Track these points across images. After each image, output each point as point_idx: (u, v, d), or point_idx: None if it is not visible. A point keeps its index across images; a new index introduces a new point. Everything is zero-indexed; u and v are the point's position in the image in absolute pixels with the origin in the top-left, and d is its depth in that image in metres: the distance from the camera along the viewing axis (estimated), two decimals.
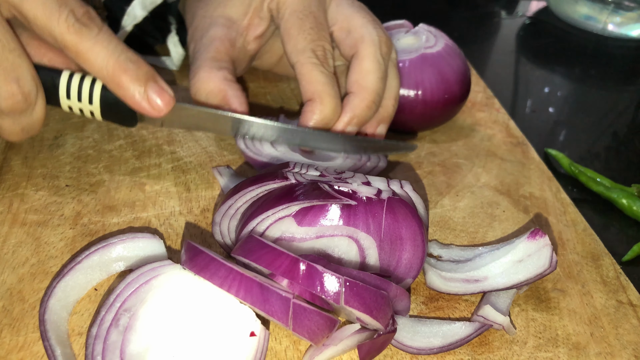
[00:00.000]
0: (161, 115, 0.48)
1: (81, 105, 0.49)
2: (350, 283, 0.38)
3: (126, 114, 0.50)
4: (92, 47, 0.45)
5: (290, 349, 0.42)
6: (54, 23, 0.44)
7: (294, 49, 0.55)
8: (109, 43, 0.46)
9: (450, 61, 0.64)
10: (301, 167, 0.46)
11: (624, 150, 0.78)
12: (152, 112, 0.48)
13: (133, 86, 0.46)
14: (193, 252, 0.39)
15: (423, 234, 0.44)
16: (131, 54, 0.47)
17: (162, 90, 0.48)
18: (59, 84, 0.48)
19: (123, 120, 0.51)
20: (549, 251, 0.45)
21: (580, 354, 0.44)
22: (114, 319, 0.37)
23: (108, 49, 0.46)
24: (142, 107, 0.47)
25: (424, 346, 0.43)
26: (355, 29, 0.58)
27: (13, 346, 0.40)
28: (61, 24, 0.44)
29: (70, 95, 0.49)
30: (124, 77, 0.46)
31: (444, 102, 0.65)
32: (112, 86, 0.47)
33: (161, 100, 0.47)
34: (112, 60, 0.46)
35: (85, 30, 0.45)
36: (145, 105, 0.47)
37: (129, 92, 0.47)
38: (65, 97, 0.49)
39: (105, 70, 0.46)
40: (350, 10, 0.59)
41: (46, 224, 0.49)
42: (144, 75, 0.47)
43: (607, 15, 1.09)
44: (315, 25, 0.56)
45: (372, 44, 0.56)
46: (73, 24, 0.44)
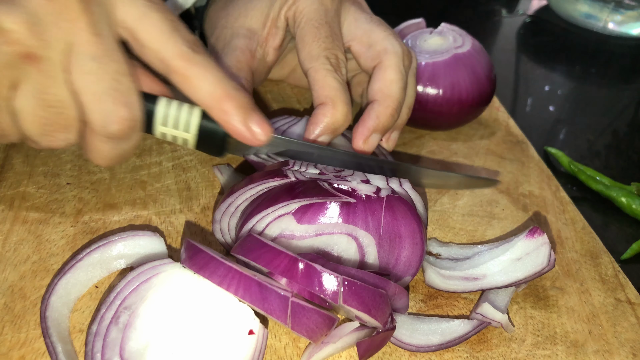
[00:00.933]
0: (260, 144, 0.48)
1: (176, 132, 0.49)
2: (349, 282, 0.38)
3: (217, 143, 0.50)
4: (200, 73, 0.46)
5: (289, 346, 0.42)
6: (167, 47, 0.45)
7: (309, 55, 0.56)
8: (216, 70, 0.46)
9: (480, 60, 0.66)
10: (301, 165, 0.47)
11: (624, 149, 0.78)
12: (252, 140, 0.48)
13: (237, 113, 0.47)
14: (192, 250, 0.39)
15: (422, 232, 0.44)
16: (235, 83, 0.48)
17: (263, 120, 0.48)
18: (156, 110, 0.48)
19: (212, 150, 0.51)
20: (547, 249, 0.45)
21: (579, 351, 0.44)
22: (114, 316, 0.38)
23: (215, 76, 0.46)
24: (243, 135, 0.48)
25: (423, 344, 0.43)
26: (377, 42, 0.58)
27: (15, 343, 0.40)
28: (173, 48, 0.45)
29: (167, 122, 0.48)
30: (229, 104, 0.46)
31: (478, 101, 0.66)
32: (216, 112, 0.47)
33: (261, 130, 0.48)
34: (219, 87, 0.46)
35: (195, 57, 0.45)
36: (246, 134, 0.48)
37: (232, 118, 0.47)
38: (161, 124, 0.49)
39: (211, 96, 0.46)
40: (369, 25, 0.59)
41: (47, 221, 0.50)
42: (247, 104, 0.47)
43: (608, 13, 1.09)
44: (330, 35, 0.57)
45: (396, 55, 0.57)
46: (184, 49, 0.45)
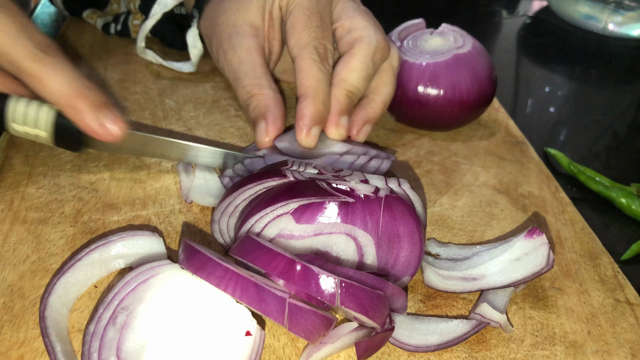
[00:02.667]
0: (113, 140, 0.50)
1: (29, 129, 0.51)
2: (346, 284, 0.38)
3: (74, 139, 0.52)
4: (50, 73, 0.47)
5: (288, 346, 0.42)
6: (15, 49, 0.47)
7: (297, 43, 0.57)
8: (66, 70, 0.48)
9: (481, 60, 0.66)
10: (299, 165, 0.47)
11: (624, 150, 0.78)
12: (106, 136, 0.50)
13: (88, 111, 0.48)
14: (190, 251, 0.40)
15: (420, 232, 0.44)
16: (87, 82, 0.49)
17: (116, 117, 0.50)
18: (6, 109, 0.49)
19: (71, 146, 0.53)
20: (546, 250, 0.45)
21: (577, 352, 0.44)
22: (111, 316, 0.38)
23: (66, 75, 0.48)
24: (96, 131, 0.49)
25: (422, 344, 0.43)
26: (356, 29, 0.59)
27: (13, 342, 0.40)
28: (22, 50, 0.47)
29: (18, 119, 0.50)
30: (80, 102, 0.48)
31: (478, 101, 0.66)
32: (69, 111, 0.49)
33: (114, 126, 0.49)
34: (70, 87, 0.48)
35: (45, 58, 0.47)
36: (98, 130, 0.49)
37: (84, 116, 0.49)
38: (12, 121, 0.50)
39: (62, 95, 0.48)
40: (355, 12, 0.60)
41: (47, 221, 0.50)
42: (99, 101, 0.49)
43: (608, 14, 1.09)
44: (321, 24, 0.58)
45: (368, 45, 0.58)
46: (33, 51, 0.47)
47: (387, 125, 0.71)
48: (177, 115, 0.66)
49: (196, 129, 0.64)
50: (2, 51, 0.47)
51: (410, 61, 0.66)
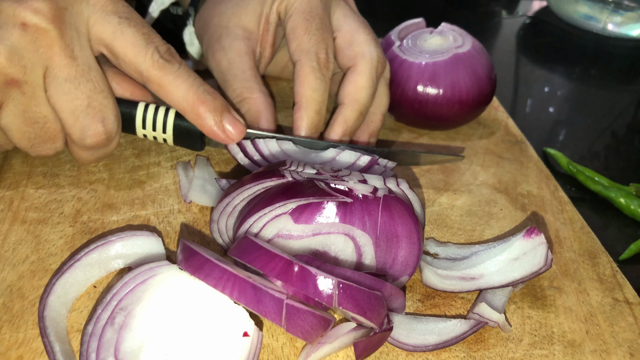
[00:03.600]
0: (233, 142, 0.54)
1: (155, 133, 0.55)
2: (344, 285, 0.38)
3: (195, 140, 0.55)
4: (173, 80, 0.50)
5: (287, 346, 0.42)
6: (141, 59, 0.49)
7: (299, 47, 0.57)
8: (188, 77, 0.51)
9: (480, 60, 0.66)
10: (298, 165, 0.47)
11: (624, 150, 0.78)
12: (226, 139, 0.53)
13: (210, 116, 0.51)
14: (188, 252, 0.40)
15: (419, 232, 0.44)
16: (208, 87, 0.52)
17: (236, 120, 0.53)
18: (136, 115, 0.54)
19: (191, 145, 0.56)
20: (544, 249, 0.46)
21: (576, 351, 0.44)
22: (109, 317, 0.38)
23: (188, 82, 0.51)
24: (218, 135, 0.52)
25: (420, 343, 0.43)
26: (358, 44, 0.60)
27: (13, 342, 0.40)
28: (147, 60, 0.49)
29: (145, 125, 0.54)
30: (202, 107, 0.51)
31: (478, 100, 0.66)
32: (191, 116, 0.52)
33: (234, 129, 0.52)
34: (192, 93, 0.51)
35: (168, 66, 0.50)
36: (220, 134, 0.52)
37: (206, 121, 0.52)
38: (141, 127, 0.54)
39: (185, 101, 0.51)
40: (356, 24, 0.61)
41: (46, 221, 0.50)
42: (220, 106, 0.52)
43: (607, 15, 1.09)
44: (321, 27, 0.58)
45: (371, 62, 0.59)
46: (158, 60, 0.49)
47: (386, 124, 0.71)
48: None
49: None
50: (129, 61, 0.49)
51: (409, 60, 0.66)
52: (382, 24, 0.61)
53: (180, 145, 0.56)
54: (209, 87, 0.52)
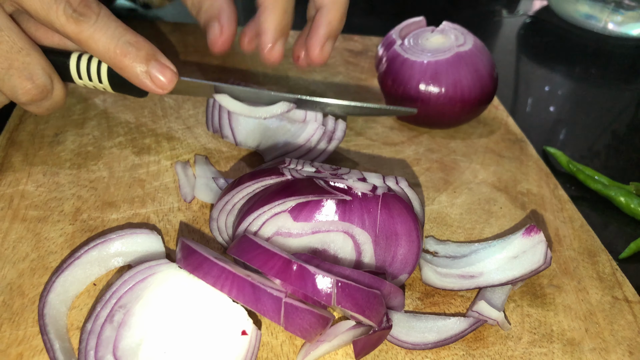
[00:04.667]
0: (166, 91, 0.51)
1: (92, 83, 0.53)
2: (342, 284, 0.38)
3: (134, 87, 0.53)
4: (91, 34, 0.47)
5: (286, 344, 0.42)
6: (53, 16, 0.46)
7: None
8: (107, 29, 0.48)
9: (482, 58, 0.66)
10: (297, 164, 0.47)
11: (624, 149, 0.78)
12: (156, 89, 0.50)
13: (136, 67, 0.49)
14: (187, 251, 0.40)
15: (418, 230, 0.44)
16: (130, 36, 0.49)
17: (165, 67, 0.50)
18: (70, 66, 0.52)
19: (133, 92, 0.54)
20: (543, 247, 0.46)
21: (575, 349, 0.44)
22: (108, 315, 0.38)
23: (107, 35, 0.48)
24: (147, 85, 0.50)
25: (419, 341, 0.43)
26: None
27: (13, 340, 0.40)
28: (60, 16, 0.46)
29: (81, 75, 0.52)
30: (125, 60, 0.48)
31: (480, 99, 0.66)
32: (116, 69, 0.49)
33: (164, 78, 0.50)
34: (113, 46, 0.48)
35: (83, 19, 0.47)
36: (149, 84, 0.50)
37: (132, 73, 0.49)
38: (77, 77, 0.52)
39: (107, 55, 0.48)
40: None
41: (46, 219, 0.50)
42: (144, 55, 0.49)
43: (608, 14, 1.09)
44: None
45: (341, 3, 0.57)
46: (71, 14, 0.46)
47: (386, 122, 0.71)
48: (177, 114, 0.66)
49: (195, 127, 0.64)
50: (43, 18, 0.47)
51: (411, 59, 0.66)
52: (382, 22, 0.61)
53: (122, 92, 0.55)
54: (132, 35, 0.49)
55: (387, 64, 0.68)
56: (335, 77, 0.80)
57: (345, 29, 0.65)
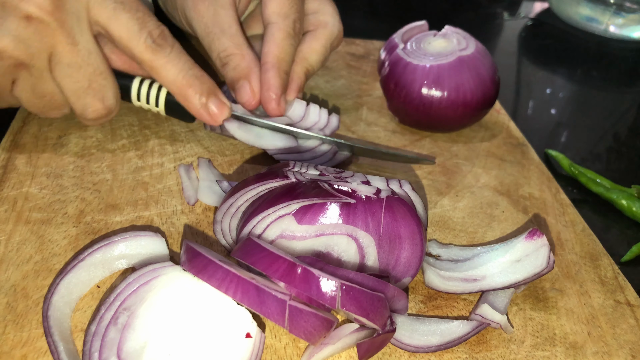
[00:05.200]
0: (218, 124, 0.57)
1: (149, 106, 0.59)
2: (347, 287, 0.38)
3: (185, 113, 0.59)
4: (164, 64, 0.53)
5: (289, 346, 0.42)
6: (134, 43, 0.52)
7: (278, 11, 0.59)
8: (178, 61, 0.54)
9: (484, 62, 0.66)
10: (301, 167, 0.47)
11: (626, 152, 0.79)
12: (211, 120, 0.56)
13: (197, 99, 0.55)
14: (191, 253, 0.40)
15: (421, 233, 0.44)
16: (197, 71, 0.55)
17: (221, 103, 0.56)
18: (131, 89, 0.58)
19: (183, 118, 0.60)
20: (546, 251, 0.46)
21: (578, 353, 0.44)
22: (113, 317, 0.38)
23: (177, 67, 0.54)
24: (202, 116, 0.56)
25: (422, 344, 0.43)
26: (323, 13, 0.63)
27: (17, 342, 0.40)
28: (140, 44, 0.52)
29: (140, 98, 0.58)
30: (189, 91, 0.55)
31: (482, 103, 0.66)
32: (179, 98, 0.56)
33: (219, 111, 0.56)
34: (181, 77, 0.54)
35: (159, 50, 0.53)
36: (205, 116, 0.56)
37: (193, 103, 0.55)
38: (136, 99, 0.59)
39: (174, 84, 0.54)
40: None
41: (50, 222, 0.50)
42: (206, 90, 0.55)
43: (609, 16, 1.09)
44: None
45: (331, 32, 0.63)
46: (150, 44, 0.52)
47: (389, 126, 0.71)
48: None
49: (198, 129, 0.65)
50: (124, 44, 0.52)
51: (414, 63, 0.66)
52: (384, 26, 0.62)
53: (173, 116, 0.60)
54: (198, 70, 0.55)
55: (390, 67, 0.68)
56: (337, 81, 0.80)
57: (347, 33, 0.66)
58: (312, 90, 0.77)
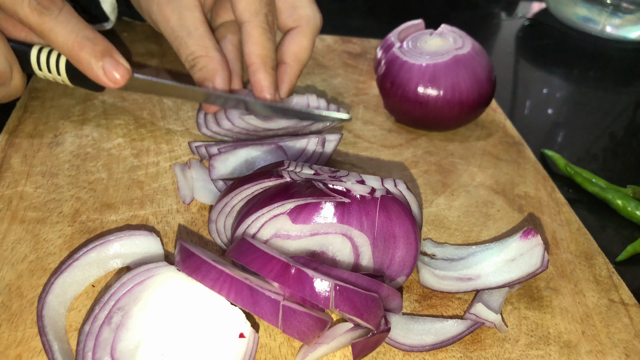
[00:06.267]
0: (118, 86, 0.55)
1: (51, 75, 0.56)
2: (340, 287, 0.38)
3: (90, 82, 0.57)
4: (53, 27, 0.51)
5: (284, 346, 0.42)
6: (18, 7, 0.50)
7: (248, 8, 0.60)
8: (68, 23, 0.52)
9: (480, 61, 0.66)
10: (296, 166, 0.47)
11: (621, 152, 0.79)
12: (109, 83, 0.54)
13: (91, 61, 0.53)
14: (185, 253, 0.40)
15: (416, 232, 0.44)
16: (89, 32, 0.53)
17: (118, 63, 0.54)
18: (30, 58, 0.55)
19: (90, 86, 0.58)
20: (540, 250, 0.46)
21: (572, 352, 0.44)
22: (106, 316, 0.38)
23: (67, 29, 0.52)
24: (101, 79, 0.54)
25: (417, 343, 0.43)
26: (302, 7, 0.64)
27: (11, 341, 0.40)
28: (24, 7, 0.50)
29: (40, 66, 0.56)
30: (82, 53, 0.52)
31: (478, 102, 0.67)
32: (73, 61, 0.53)
33: (117, 73, 0.53)
34: (71, 39, 0.52)
35: (46, 12, 0.51)
36: (103, 78, 0.53)
37: (87, 66, 0.53)
38: (37, 69, 0.56)
39: (65, 47, 0.52)
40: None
41: (45, 221, 0.50)
42: (100, 51, 0.53)
43: (606, 17, 1.09)
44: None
45: (315, 26, 0.64)
46: (35, 6, 0.50)
47: (385, 125, 0.71)
48: (175, 115, 0.67)
49: (194, 129, 0.64)
50: (9, 9, 0.51)
51: (410, 62, 0.66)
52: (381, 25, 0.62)
53: (80, 86, 0.58)
54: (91, 32, 0.53)
55: (386, 66, 0.68)
56: (333, 80, 0.80)
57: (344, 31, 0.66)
58: (309, 89, 0.77)
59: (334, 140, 0.59)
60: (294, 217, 0.44)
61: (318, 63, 0.84)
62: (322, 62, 0.84)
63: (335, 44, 0.90)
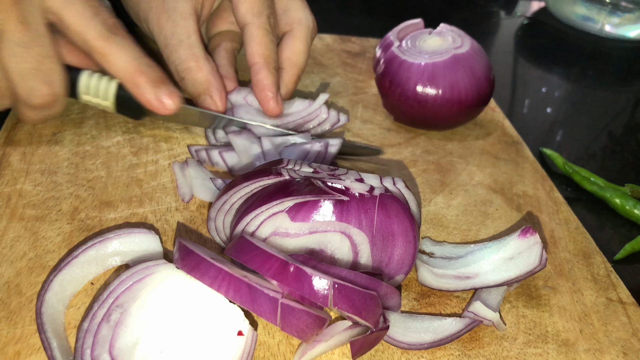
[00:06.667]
0: (169, 113, 0.57)
1: (97, 100, 0.58)
2: (339, 285, 0.38)
3: (135, 109, 0.59)
4: (116, 52, 0.54)
5: (283, 343, 0.42)
6: (87, 29, 0.52)
7: (250, 10, 0.60)
8: (130, 50, 0.55)
9: (479, 60, 0.66)
10: (295, 164, 0.47)
11: (620, 151, 0.79)
12: (162, 109, 0.56)
13: (147, 86, 0.55)
14: (184, 251, 0.40)
15: (415, 231, 0.44)
16: (149, 61, 0.56)
17: (172, 92, 0.56)
18: (80, 81, 0.57)
19: (132, 114, 0.60)
20: (539, 249, 0.46)
21: (570, 350, 0.44)
22: (105, 314, 0.38)
23: (129, 55, 0.54)
24: (154, 105, 0.56)
25: (415, 341, 0.43)
26: (294, 10, 0.64)
27: (10, 338, 0.40)
28: (93, 31, 0.53)
29: (89, 91, 0.57)
30: (140, 78, 0.55)
31: (476, 101, 0.67)
32: (130, 86, 0.55)
33: (170, 101, 0.56)
34: (132, 64, 0.54)
35: (112, 37, 0.53)
36: (156, 104, 0.56)
37: (143, 91, 0.55)
38: (85, 93, 0.57)
39: (125, 71, 0.54)
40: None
41: (44, 218, 0.50)
42: (157, 78, 0.55)
43: (605, 16, 1.10)
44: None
45: (307, 28, 0.64)
46: (103, 31, 0.53)
47: (384, 124, 0.71)
48: None
49: (193, 127, 0.64)
50: (76, 31, 0.52)
51: (409, 61, 0.66)
52: (380, 24, 0.62)
53: (122, 113, 0.60)
54: (150, 60, 0.56)
55: (385, 65, 0.68)
56: (332, 79, 0.80)
57: (343, 30, 0.66)
58: (308, 88, 0.77)
59: (336, 145, 0.59)
60: (292, 215, 0.44)
61: (317, 62, 0.84)
62: (321, 61, 0.84)
63: (334, 43, 0.90)
